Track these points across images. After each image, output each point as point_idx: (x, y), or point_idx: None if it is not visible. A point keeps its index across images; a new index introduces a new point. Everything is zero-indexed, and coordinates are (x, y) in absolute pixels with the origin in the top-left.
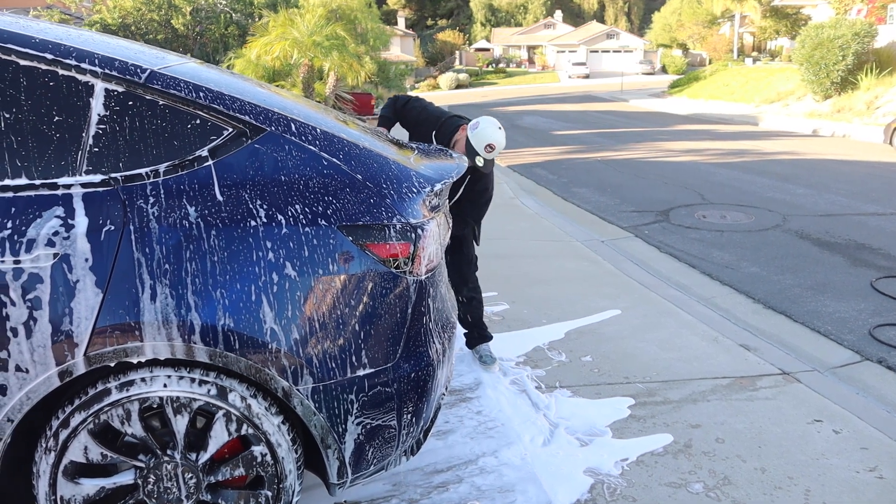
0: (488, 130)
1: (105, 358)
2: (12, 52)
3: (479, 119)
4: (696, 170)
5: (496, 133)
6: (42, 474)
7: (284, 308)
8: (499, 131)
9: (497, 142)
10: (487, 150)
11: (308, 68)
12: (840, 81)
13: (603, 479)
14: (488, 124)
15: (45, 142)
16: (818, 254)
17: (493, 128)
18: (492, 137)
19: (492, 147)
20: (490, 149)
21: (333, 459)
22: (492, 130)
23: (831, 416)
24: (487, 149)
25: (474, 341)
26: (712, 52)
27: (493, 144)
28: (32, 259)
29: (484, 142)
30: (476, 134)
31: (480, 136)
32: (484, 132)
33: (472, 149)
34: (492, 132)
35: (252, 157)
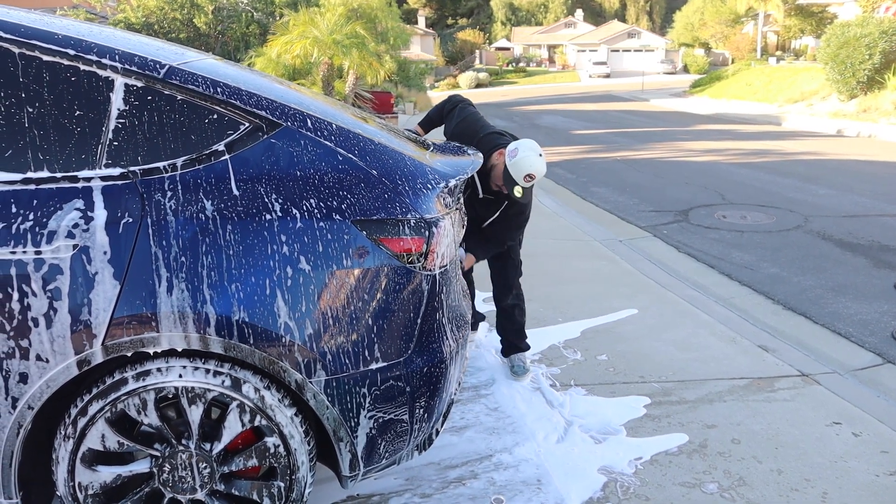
0: (528, 160)
1: (122, 348)
2: (36, 47)
3: (518, 144)
4: (717, 170)
5: (536, 162)
6: (61, 461)
7: (298, 301)
8: (538, 159)
9: (537, 171)
10: (527, 179)
11: (328, 66)
12: (866, 81)
13: (616, 477)
14: (528, 152)
15: (66, 136)
16: (840, 255)
17: (532, 155)
18: (532, 167)
19: (531, 177)
20: (530, 178)
21: (346, 452)
22: (532, 159)
23: (851, 418)
24: (527, 178)
25: (510, 350)
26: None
27: (533, 174)
28: (53, 250)
29: (523, 172)
30: (515, 163)
31: (520, 165)
32: (523, 161)
33: (511, 179)
34: (531, 161)
35: (268, 152)
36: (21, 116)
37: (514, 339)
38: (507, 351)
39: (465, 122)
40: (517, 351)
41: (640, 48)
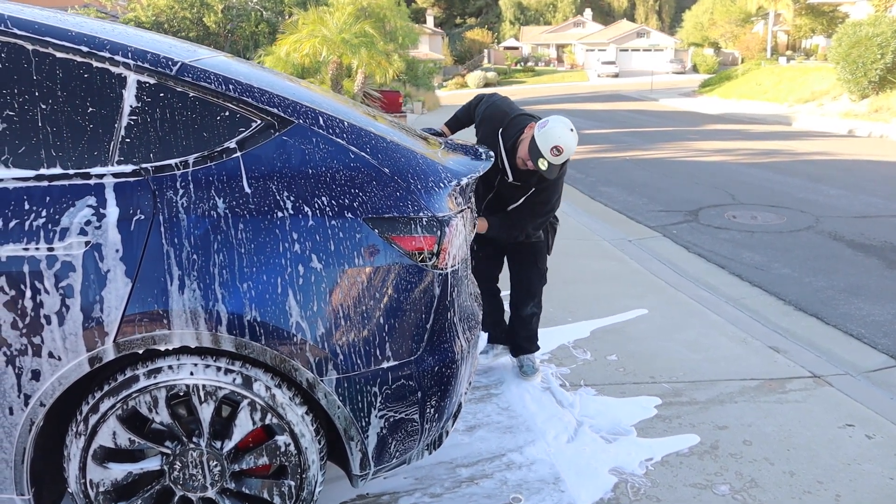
0: (557, 130)
1: (134, 345)
2: (49, 44)
3: (550, 117)
4: (727, 170)
5: (566, 135)
6: (72, 458)
7: (310, 299)
8: (570, 133)
9: (566, 145)
10: (553, 153)
11: (337, 65)
12: (878, 80)
13: (627, 478)
14: (558, 123)
15: (78, 132)
16: (852, 256)
17: (563, 128)
18: (560, 139)
19: (559, 150)
20: (557, 152)
21: (356, 451)
22: (561, 130)
23: (864, 420)
24: (554, 151)
25: (519, 350)
26: (745, 50)
27: (561, 147)
28: (65, 247)
29: (550, 143)
30: (543, 133)
31: (548, 135)
32: (552, 132)
33: (537, 149)
34: (561, 132)
35: (280, 149)
36: (34, 113)
37: (524, 342)
38: (515, 351)
39: (494, 107)
40: (526, 352)
41: (649, 48)
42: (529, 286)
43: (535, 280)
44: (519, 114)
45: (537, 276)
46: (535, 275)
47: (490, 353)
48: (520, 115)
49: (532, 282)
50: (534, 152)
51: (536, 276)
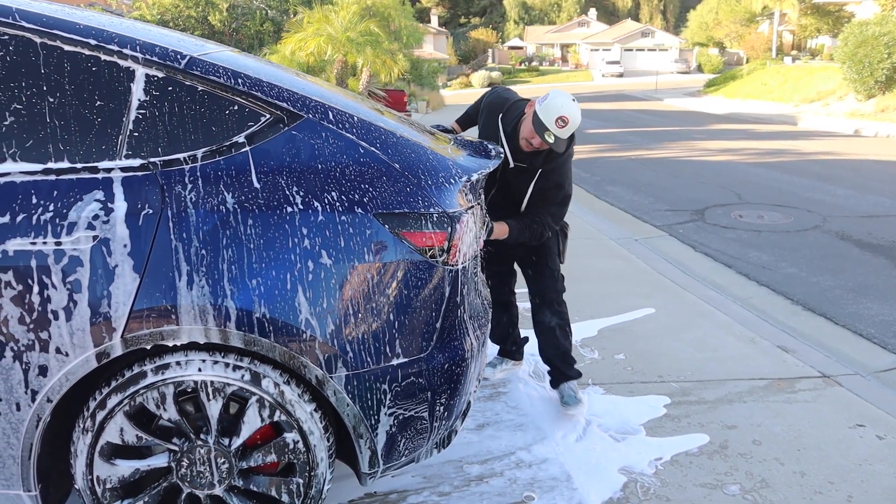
0: (559, 100)
1: (141, 340)
2: (58, 37)
3: (551, 90)
4: (733, 169)
5: (569, 105)
6: (79, 454)
7: (319, 295)
8: (572, 103)
9: (570, 115)
10: (559, 124)
11: (342, 64)
12: (885, 80)
13: (636, 477)
14: (559, 94)
15: (86, 126)
16: (860, 255)
17: (564, 98)
18: (563, 108)
19: (564, 121)
20: (562, 122)
21: (365, 449)
22: (563, 101)
23: (875, 420)
24: (559, 122)
25: (558, 379)
26: (750, 50)
27: (566, 117)
28: (73, 241)
29: (554, 114)
30: (545, 106)
31: (550, 107)
32: (554, 102)
33: (541, 124)
34: (563, 102)
35: (289, 144)
36: (42, 106)
37: (560, 365)
38: (554, 381)
39: (494, 95)
40: (566, 379)
41: (653, 47)
42: (543, 293)
43: (548, 285)
44: (518, 99)
45: (549, 278)
46: (548, 278)
47: (498, 367)
48: (519, 100)
49: (545, 287)
50: (538, 127)
51: (549, 280)
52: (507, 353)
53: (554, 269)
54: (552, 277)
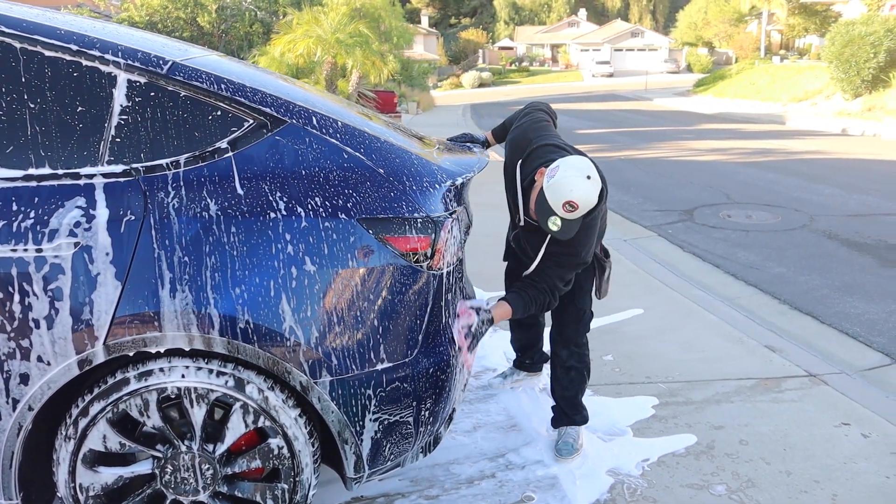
0: (569, 182)
1: (124, 347)
2: (38, 42)
3: (563, 161)
4: (722, 169)
5: (579, 185)
6: (62, 462)
7: (303, 301)
8: (584, 183)
9: (581, 199)
10: (566, 209)
11: (331, 66)
12: (871, 79)
13: (623, 479)
14: (571, 171)
15: (68, 132)
16: (847, 254)
17: (576, 177)
18: (573, 192)
19: (573, 206)
20: (570, 208)
21: (350, 454)
22: (573, 180)
23: (860, 419)
24: (566, 208)
25: (560, 421)
26: (739, 50)
27: (575, 202)
28: (54, 248)
29: (561, 198)
30: (552, 185)
31: (557, 188)
32: (562, 184)
33: (545, 206)
34: (573, 183)
35: (272, 149)
36: (23, 112)
37: (565, 407)
38: (555, 421)
39: (522, 130)
40: (568, 423)
41: (643, 47)
42: (563, 329)
43: (569, 321)
44: (542, 144)
45: (573, 317)
46: (571, 315)
47: (509, 377)
48: (542, 145)
49: (566, 323)
50: (541, 210)
51: (571, 318)
52: (522, 365)
53: (580, 307)
54: (575, 316)
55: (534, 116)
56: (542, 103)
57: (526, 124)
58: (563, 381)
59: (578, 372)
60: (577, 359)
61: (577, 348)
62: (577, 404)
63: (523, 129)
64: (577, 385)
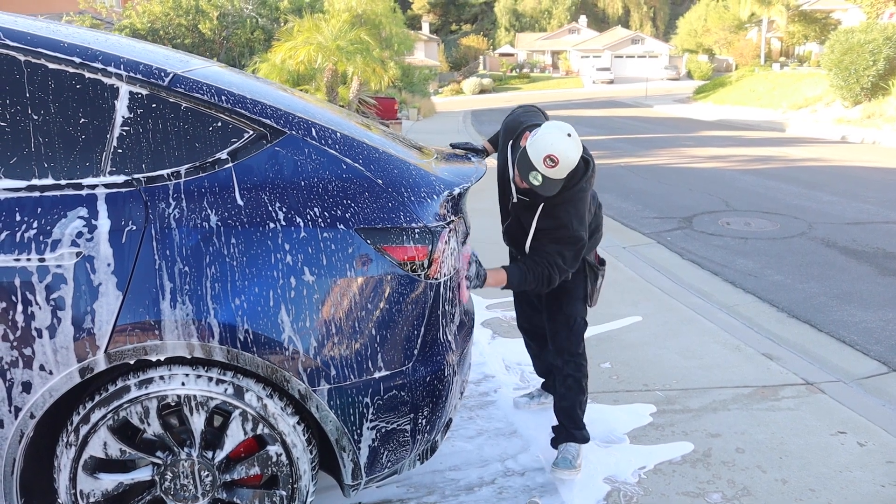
0: (550, 136)
1: (125, 355)
2: (42, 55)
3: (546, 124)
4: (721, 176)
5: (561, 141)
6: (63, 468)
7: (302, 310)
8: (566, 139)
9: (562, 152)
10: (547, 163)
11: (332, 72)
12: (870, 87)
13: (620, 486)
14: (551, 128)
15: (70, 143)
16: (845, 262)
17: (556, 133)
18: (553, 146)
19: (553, 160)
20: (551, 162)
21: (348, 461)
22: (554, 136)
23: (856, 427)
24: (547, 162)
25: (561, 438)
26: (739, 57)
27: (555, 156)
28: (56, 258)
29: (542, 152)
30: (533, 142)
31: (538, 144)
32: (543, 138)
33: (528, 162)
34: (554, 138)
35: (272, 160)
36: (26, 124)
37: (564, 421)
38: (556, 439)
39: (512, 117)
40: (568, 439)
41: (643, 54)
42: (554, 337)
43: (560, 329)
44: (532, 123)
45: (563, 324)
46: (561, 322)
47: (536, 398)
48: (532, 124)
49: (557, 331)
50: (524, 166)
51: (562, 326)
52: (549, 389)
53: (570, 314)
54: (565, 325)
55: (526, 107)
56: (533, 106)
57: (518, 112)
58: (561, 391)
59: (575, 380)
60: (574, 367)
61: (570, 357)
62: (577, 419)
63: (515, 116)
64: (573, 395)
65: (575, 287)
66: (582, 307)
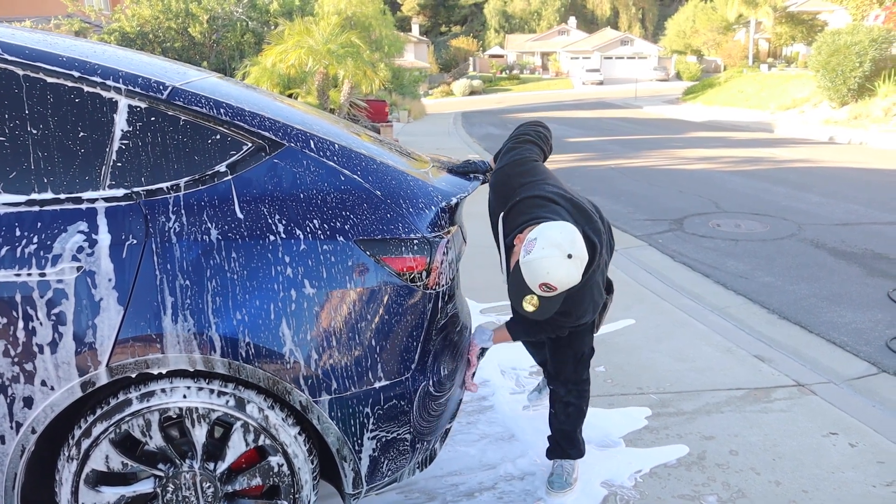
0: (546, 262)
1: (127, 369)
2: (40, 69)
3: (541, 232)
4: (711, 178)
5: (558, 266)
6: (64, 482)
7: (303, 322)
8: (564, 263)
9: (560, 280)
10: (543, 289)
11: (323, 76)
12: (857, 88)
13: (616, 490)
14: (549, 250)
15: (70, 157)
16: (834, 263)
17: (555, 256)
18: (549, 273)
19: (550, 287)
20: (548, 289)
21: (349, 471)
22: (552, 261)
23: (847, 428)
24: (543, 288)
25: (555, 453)
26: (727, 58)
27: (553, 285)
28: (57, 273)
29: (538, 278)
30: (528, 263)
31: (533, 267)
32: (539, 264)
33: (522, 284)
34: (551, 264)
35: (271, 172)
36: (25, 138)
37: (560, 440)
38: (550, 452)
39: (504, 174)
40: (563, 456)
41: (632, 55)
42: (560, 369)
43: (567, 363)
44: (525, 196)
45: (571, 358)
46: (569, 357)
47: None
48: (526, 198)
49: (564, 365)
50: (517, 289)
51: (570, 359)
52: None
53: (577, 350)
54: (574, 358)
55: (519, 154)
56: (532, 127)
57: (508, 168)
58: (561, 417)
59: (577, 408)
60: (577, 395)
61: (575, 385)
62: (574, 439)
63: (506, 175)
64: (574, 420)
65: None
66: (589, 339)
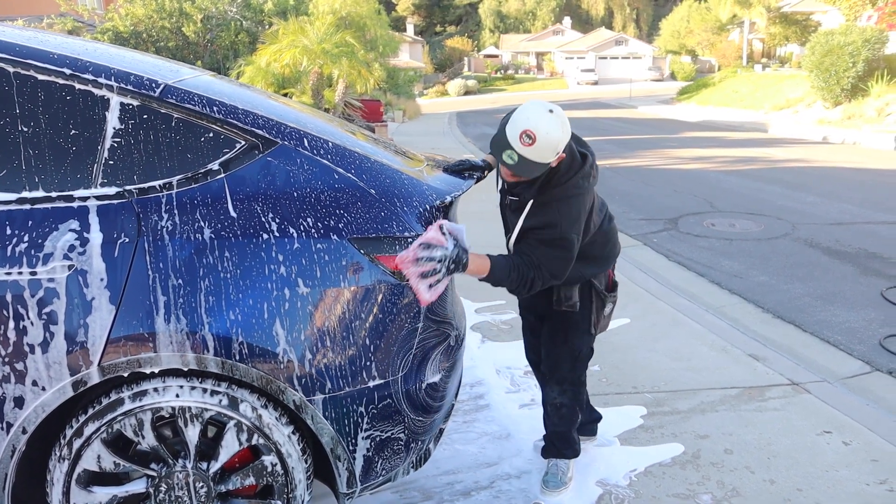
0: (527, 112)
1: (119, 368)
2: (31, 66)
3: (527, 101)
4: (705, 177)
5: (540, 117)
6: (56, 482)
7: (296, 321)
8: (546, 115)
9: (539, 128)
10: (524, 140)
11: (318, 75)
12: (850, 88)
13: (611, 489)
14: (531, 105)
15: (61, 155)
16: (828, 263)
17: (535, 109)
18: (530, 120)
19: (530, 136)
20: (528, 139)
21: (343, 470)
22: (532, 112)
23: (841, 427)
24: (524, 138)
25: (550, 452)
26: (721, 58)
27: (532, 132)
28: (48, 271)
29: (519, 127)
30: (512, 119)
31: (516, 120)
32: (520, 115)
33: (502, 140)
34: (530, 114)
35: (264, 170)
36: (16, 136)
37: (556, 441)
38: (545, 451)
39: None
40: (557, 456)
41: (627, 55)
42: (554, 367)
43: (562, 361)
44: None
45: (567, 356)
46: (565, 354)
47: None
48: None
49: (559, 362)
50: (499, 145)
51: (566, 357)
52: None
53: (574, 347)
54: (570, 356)
55: None
56: None
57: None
58: (554, 419)
59: (570, 409)
60: (570, 397)
61: (570, 386)
62: (569, 439)
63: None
64: (568, 422)
65: (581, 319)
66: (588, 338)
